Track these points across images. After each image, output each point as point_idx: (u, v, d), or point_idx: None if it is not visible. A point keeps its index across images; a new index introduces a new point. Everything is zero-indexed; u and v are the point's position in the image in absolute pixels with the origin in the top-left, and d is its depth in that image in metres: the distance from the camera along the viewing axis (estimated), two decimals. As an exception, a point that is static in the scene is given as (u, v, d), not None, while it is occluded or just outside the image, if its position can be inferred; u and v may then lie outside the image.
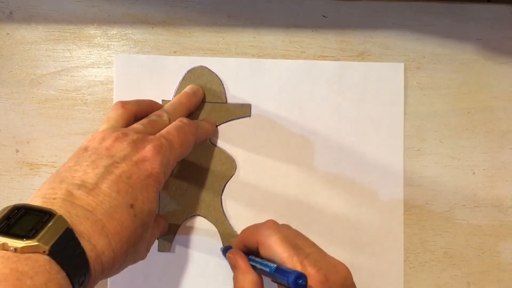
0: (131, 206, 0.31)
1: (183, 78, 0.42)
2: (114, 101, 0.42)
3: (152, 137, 0.35)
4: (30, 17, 0.43)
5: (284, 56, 0.43)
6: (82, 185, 0.30)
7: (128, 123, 0.37)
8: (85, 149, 0.33)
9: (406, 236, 0.42)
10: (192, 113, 0.41)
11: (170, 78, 0.42)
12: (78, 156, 0.33)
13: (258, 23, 0.43)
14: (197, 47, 0.43)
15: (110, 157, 0.32)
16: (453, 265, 0.42)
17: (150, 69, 0.42)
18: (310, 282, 0.31)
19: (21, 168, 0.42)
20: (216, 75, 0.42)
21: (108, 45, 0.43)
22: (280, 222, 0.37)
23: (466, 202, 0.42)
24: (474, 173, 0.42)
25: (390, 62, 0.43)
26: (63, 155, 0.42)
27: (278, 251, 0.33)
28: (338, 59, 0.43)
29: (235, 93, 0.42)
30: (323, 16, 0.43)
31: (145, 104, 0.39)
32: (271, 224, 0.36)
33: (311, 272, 0.32)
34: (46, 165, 0.42)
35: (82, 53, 0.43)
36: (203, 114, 0.42)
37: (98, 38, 0.43)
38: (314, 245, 0.35)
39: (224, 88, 0.42)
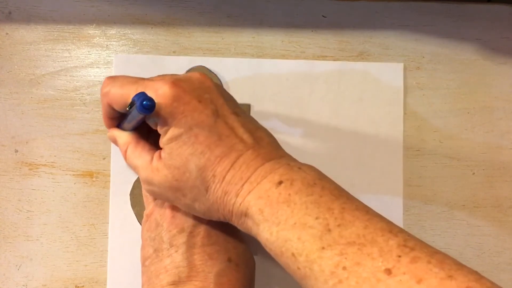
0: (229, 260, 0.31)
1: (183, 78, 0.42)
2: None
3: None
4: (29, 17, 0.42)
5: (284, 56, 0.43)
6: (178, 275, 0.30)
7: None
8: (149, 231, 0.33)
9: (406, 236, 0.42)
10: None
11: (170, 78, 0.42)
12: (150, 241, 0.33)
13: (258, 23, 0.43)
14: (197, 47, 0.43)
15: (181, 230, 0.32)
16: (453, 265, 0.42)
17: (149, 69, 0.42)
18: (160, 93, 0.28)
19: (20, 168, 0.42)
20: (216, 75, 0.42)
21: (107, 45, 0.43)
22: None
23: (466, 202, 0.42)
24: (473, 173, 0.42)
25: (390, 62, 0.43)
26: (62, 155, 0.42)
27: (126, 88, 0.30)
28: (337, 59, 0.43)
29: (234, 93, 0.42)
30: (323, 16, 0.43)
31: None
32: (109, 79, 0.32)
33: (160, 83, 0.28)
34: (45, 165, 0.42)
35: (81, 53, 0.43)
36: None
37: (97, 38, 0.43)
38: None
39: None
